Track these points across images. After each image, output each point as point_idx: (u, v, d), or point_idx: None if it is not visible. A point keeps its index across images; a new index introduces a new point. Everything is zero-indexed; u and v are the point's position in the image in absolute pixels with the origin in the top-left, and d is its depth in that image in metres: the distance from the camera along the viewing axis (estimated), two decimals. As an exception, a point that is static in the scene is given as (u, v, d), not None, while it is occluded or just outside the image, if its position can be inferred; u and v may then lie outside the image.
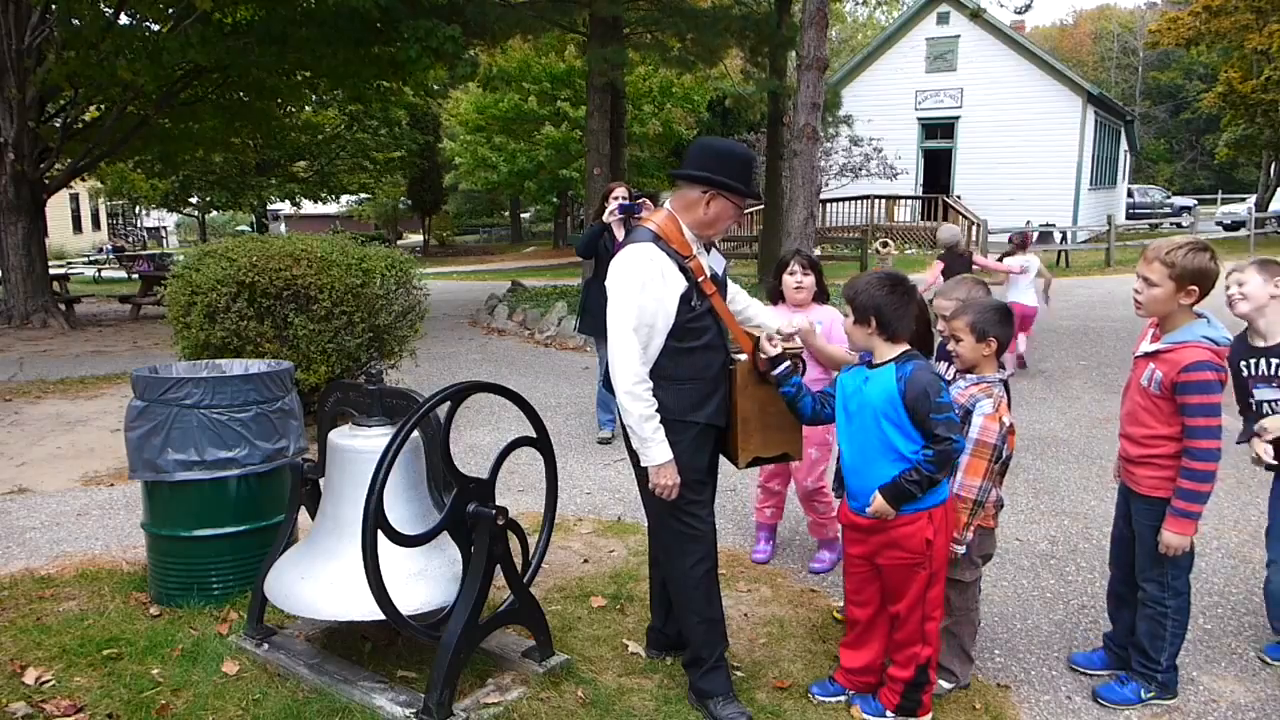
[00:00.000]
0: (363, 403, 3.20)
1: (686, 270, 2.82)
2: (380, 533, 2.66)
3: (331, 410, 3.35)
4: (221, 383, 3.60)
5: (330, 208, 42.14)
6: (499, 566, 2.89)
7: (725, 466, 3.14)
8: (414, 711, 2.78)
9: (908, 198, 24.55)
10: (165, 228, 48.96)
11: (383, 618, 2.76)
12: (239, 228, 42.89)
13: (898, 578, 2.81)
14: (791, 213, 9.47)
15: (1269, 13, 24.98)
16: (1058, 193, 23.58)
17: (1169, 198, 37.05)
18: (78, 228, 37.94)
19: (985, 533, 3.06)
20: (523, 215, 43.15)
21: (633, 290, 2.76)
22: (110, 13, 12.26)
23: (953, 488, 2.89)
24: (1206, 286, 2.80)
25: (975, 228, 19.54)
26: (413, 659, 3.23)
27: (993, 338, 2.95)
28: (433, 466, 3.16)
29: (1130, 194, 34.39)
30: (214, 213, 39.24)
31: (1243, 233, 21.52)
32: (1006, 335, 3.00)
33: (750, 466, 3.06)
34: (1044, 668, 3.30)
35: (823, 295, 3.99)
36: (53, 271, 14.94)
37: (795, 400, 2.96)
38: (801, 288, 3.89)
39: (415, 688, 2.97)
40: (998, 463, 2.90)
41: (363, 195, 39.10)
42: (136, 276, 16.73)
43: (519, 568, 3.07)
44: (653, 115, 26.52)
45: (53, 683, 3.07)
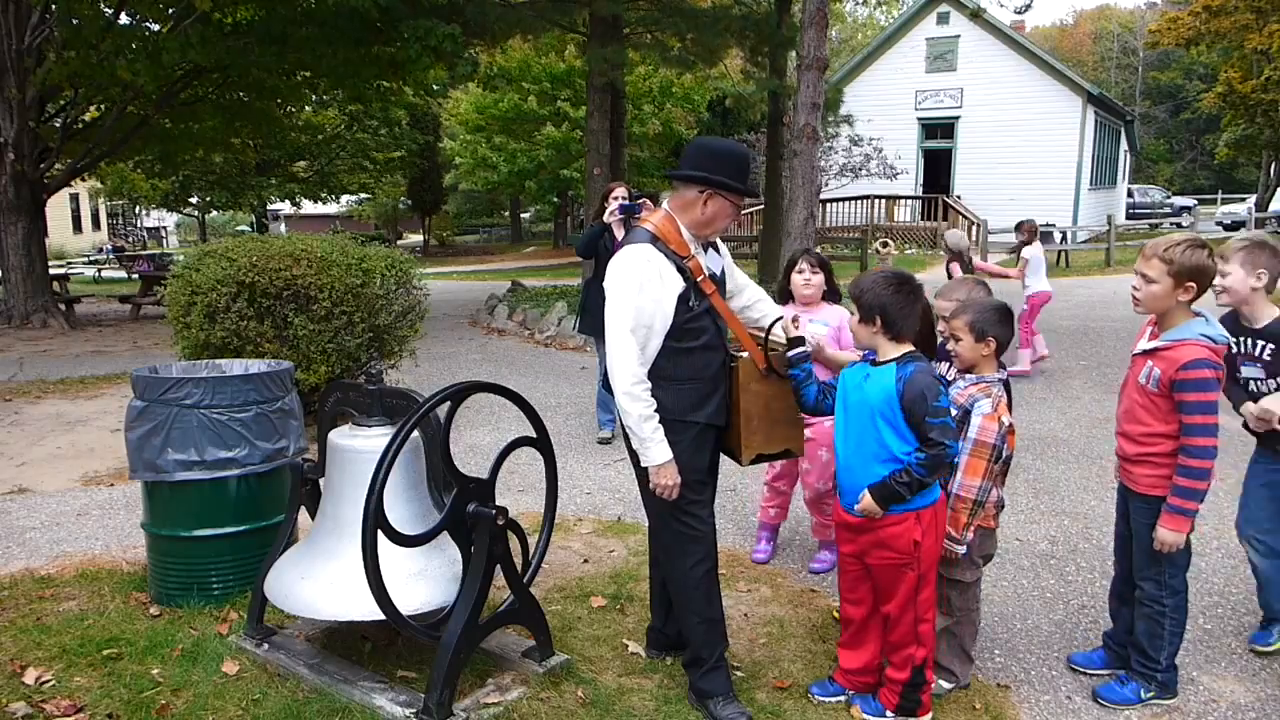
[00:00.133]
0: (363, 403, 3.20)
1: (684, 270, 2.82)
2: (380, 533, 2.66)
3: (331, 410, 3.35)
4: (221, 383, 3.60)
5: (330, 208, 42.14)
6: (499, 566, 2.90)
7: (725, 466, 3.14)
8: (414, 711, 2.78)
9: (908, 198, 24.57)
10: (165, 228, 48.96)
11: (383, 618, 2.76)
12: (239, 228, 42.88)
13: (886, 578, 2.82)
14: (791, 213, 9.47)
15: (1269, 13, 25.01)
16: (1058, 193, 23.57)
17: (1169, 198, 37.05)
18: (78, 228, 37.95)
19: (986, 533, 3.06)
20: (523, 215, 43.14)
21: (630, 291, 2.77)
22: (110, 13, 12.26)
23: (951, 488, 2.89)
24: (1204, 284, 2.82)
25: (975, 228, 19.55)
26: (413, 659, 3.23)
27: (992, 337, 2.95)
28: (433, 466, 3.16)
29: (1130, 194, 34.39)
30: (214, 213, 39.25)
31: (1242, 233, 21.51)
32: (1006, 335, 3.00)
33: (754, 463, 3.06)
34: (1044, 668, 3.30)
35: (833, 295, 3.98)
36: (53, 271, 14.94)
37: (801, 386, 2.96)
38: (810, 285, 3.90)
39: (415, 688, 2.97)
40: (998, 463, 2.90)
41: (363, 195, 39.10)
42: (136, 276, 16.73)
43: (519, 568, 3.07)
44: (653, 115, 26.51)
45: (53, 683, 3.08)
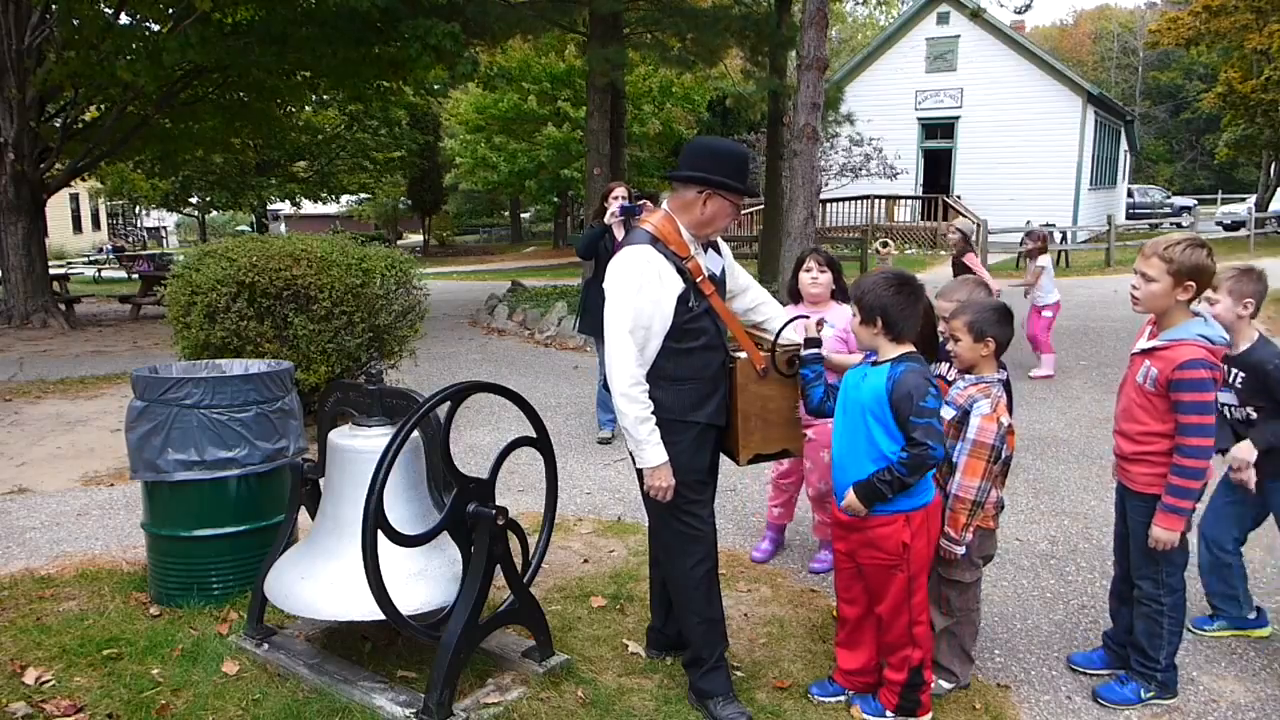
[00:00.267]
0: (363, 403, 3.20)
1: (684, 271, 2.82)
2: (380, 533, 2.66)
3: (331, 410, 3.35)
4: (221, 383, 3.60)
5: (330, 208, 42.13)
6: (499, 566, 2.90)
7: (725, 466, 3.15)
8: (414, 711, 2.78)
9: (908, 198, 24.57)
10: (165, 228, 48.95)
11: (383, 618, 2.76)
12: (239, 228, 42.88)
13: (877, 578, 2.82)
14: (791, 213, 9.46)
15: (1269, 13, 24.99)
16: (1058, 193, 23.57)
17: (1169, 198, 37.05)
18: (78, 228, 37.94)
19: (985, 533, 3.06)
20: (523, 215, 43.14)
21: (629, 292, 2.77)
22: (110, 13, 12.26)
23: (950, 489, 2.89)
24: (1203, 283, 2.82)
25: (975, 228, 19.53)
26: (413, 659, 3.23)
27: (990, 338, 2.95)
28: (433, 466, 3.16)
29: (1130, 194, 34.40)
30: (214, 213, 39.25)
31: (1243, 233, 21.49)
32: (1005, 335, 3.00)
33: (751, 464, 3.07)
34: (1044, 668, 3.30)
35: (842, 294, 3.99)
36: (53, 271, 14.94)
37: (809, 386, 2.97)
38: (818, 284, 3.91)
39: (415, 688, 2.97)
40: (997, 463, 2.90)
41: (363, 195, 39.10)
42: (136, 276, 16.73)
43: (519, 568, 3.07)
44: (653, 115, 26.51)
45: (53, 683, 3.08)
